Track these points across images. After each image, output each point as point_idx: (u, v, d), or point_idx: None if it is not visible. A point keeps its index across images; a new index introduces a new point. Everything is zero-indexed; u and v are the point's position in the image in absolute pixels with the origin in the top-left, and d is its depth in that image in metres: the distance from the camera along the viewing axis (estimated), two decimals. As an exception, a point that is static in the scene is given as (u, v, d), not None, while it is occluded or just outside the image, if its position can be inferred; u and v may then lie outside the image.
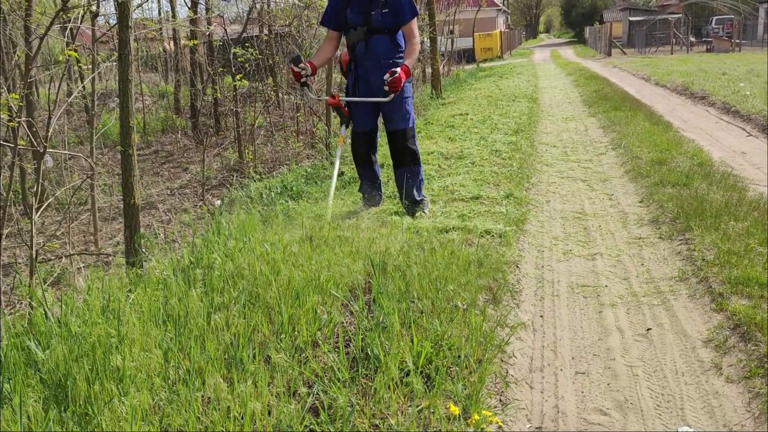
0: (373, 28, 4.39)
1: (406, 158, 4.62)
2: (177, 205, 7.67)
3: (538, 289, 3.68)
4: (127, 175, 3.82)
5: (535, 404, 2.56)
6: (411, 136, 4.61)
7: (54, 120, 3.82)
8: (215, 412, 1.93)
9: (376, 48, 4.43)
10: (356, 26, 4.42)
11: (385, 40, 4.43)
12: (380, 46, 4.42)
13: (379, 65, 4.42)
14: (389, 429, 2.05)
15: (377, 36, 4.41)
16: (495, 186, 5.52)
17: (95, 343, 2.12)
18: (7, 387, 1.95)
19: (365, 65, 4.47)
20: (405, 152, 4.60)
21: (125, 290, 2.66)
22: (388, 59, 4.43)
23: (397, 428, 2.02)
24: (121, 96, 3.78)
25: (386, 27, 4.40)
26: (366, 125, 4.66)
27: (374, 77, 4.42)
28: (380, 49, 4.43)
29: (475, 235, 4.15)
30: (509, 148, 7.04)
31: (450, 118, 9.56)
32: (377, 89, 4.40)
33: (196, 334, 2.31)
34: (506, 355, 2.85)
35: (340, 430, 1.97)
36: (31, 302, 2.62)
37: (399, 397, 2.18)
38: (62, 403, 1.94)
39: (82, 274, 2.93)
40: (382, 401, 2.17)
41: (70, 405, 1.94)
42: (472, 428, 1.99)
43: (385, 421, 2.09)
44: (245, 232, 4.03)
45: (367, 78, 4.50)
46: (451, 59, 21.83)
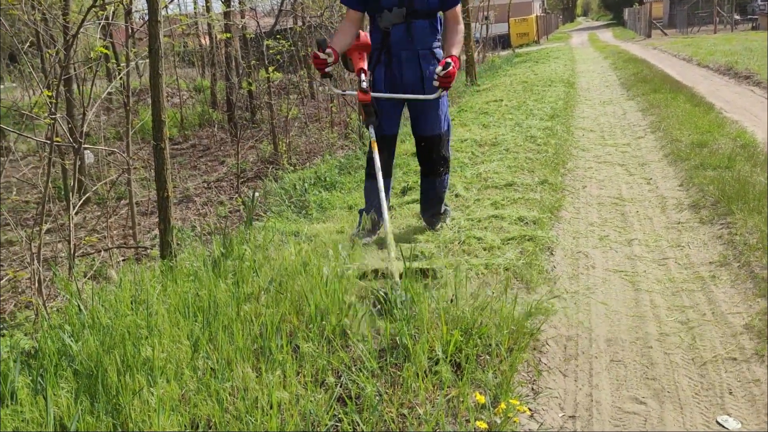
0: (415, 11, 3.70)
1: (439, 167, 4.00)
2: (213, 198, 7.75)
3: (573, 276, 3.61)
4: (159, 169, 3.86)
5: (569, 393, 2.52)
6: (446, 141, 4.01)
7: (89, 116, 3.88)
8: (243, 402, 1.93)
9: (417, 35, 3.74)
10: (392, 7, 3.69)
11: (426, 25, 3.76)
12: (422, 32, 3.75)
13: (416, 56, 3.78)
14: (417, 418, 2.03)
15: (419, 20, 3.73)
16: (529, 172, 5.44)
17: (125, 335, 2.15)
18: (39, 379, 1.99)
19: (401, 55, 3.77)
20: (438, 161, 3.98)
21: (156, 282, 2.69)
22: (427, 49, 3.80)
23: (426, 417, 2.00)
24: (153, 90, 3.81)
25: (431, 9, 3.73)
26: (394, 128, 4.00)
27: (409, 70, 3.79)
28: (421, 37, 3.75)
29: (509, 223, 4.11)
30: (544, 134, 6.93)
31: (484, 105, 9.45)
32: (411, 84, 3.79)
33: (225, 324, 2.32)
34: (539, 343, 2.80)
35: (367, 419, 1.96)
36: (71, 296, 2.67)
37: (427, 386, 2.15)
38: (94, 393, 1.97)
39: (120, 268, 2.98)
40: (410, 390, 2.15)
41: (102, 395, 1.97)
42: (499, 417, 1.96)
43: (414, 411, 2.07)
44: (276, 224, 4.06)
45: (401, 70, 3.79)
46: (486, 45, 21.60)
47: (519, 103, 9.29)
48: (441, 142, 3.95)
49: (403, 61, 3.78)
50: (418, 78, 3.78)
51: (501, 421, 1.97)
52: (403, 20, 3.70)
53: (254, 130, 12.45)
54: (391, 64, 3.80)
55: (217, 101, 14.90)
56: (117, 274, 2.76)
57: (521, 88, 11.48)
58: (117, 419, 1.86)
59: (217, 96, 14.89)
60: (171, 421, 1.82)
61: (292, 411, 1.94)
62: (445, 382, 2.18)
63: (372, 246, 3.82)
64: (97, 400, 1.93)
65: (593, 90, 11.86)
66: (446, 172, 4.09)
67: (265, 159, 8.93)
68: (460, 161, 5.85)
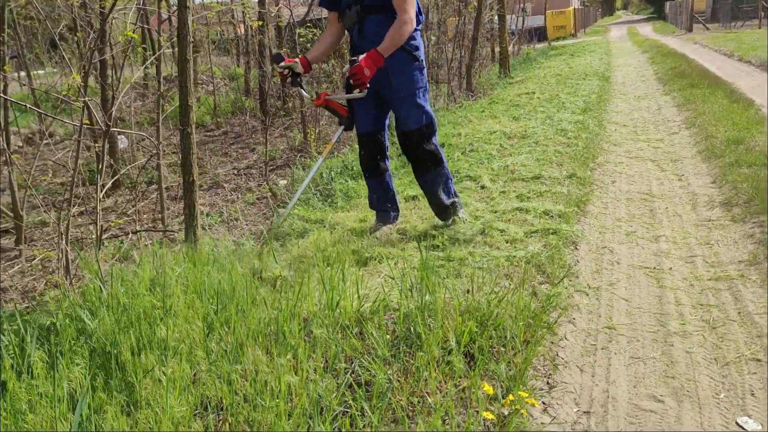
0: (366, 6, 3.64)
1: (425, 161, 3.84)
2: (242, 185, 7.81)
3: (596, 270, 3.55)
4: (186, 154, 3.89)
5: (585, 388, 2.48)
6: (427, 137, 3.80)
7: (118, 100, 3.93)
8: (253, 384, 1.95)
9: (370, 31, 3.64)
10: (350, 5, 3.69)
11: (381, 20, 3.60)
12: (375, 28, 3.61)
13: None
14: (427, 407, 2.02)
15: (372, 16, 3.64)
16: (558, 166, 5.37)
17: (140, 315, 2.18)
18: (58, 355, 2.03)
19: (357, 52, 3.62)
20: (421, 155, 3.83)
21: (175, 265, 2.72)
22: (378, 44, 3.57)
23: (435, 407, 1.99)
24: (180, 76, 3.84)
25: (380, 3, 3.59)
26: (368, 126, 3.91)
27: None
28: (376, 33, 3.58)
29: (534, 216, 4.06)
30: (575, 128, 6.83)
31: (516, 97, 9.36)
32: (379, 81, 3.67)
33: (240, 307, 2.34)
34: (557, 337, 2.77)
35: (376, 406, 1.95)
36: (93, 275, 2.71)
37: (439, 376, 2.14)
38: (108, 371, 2.00)
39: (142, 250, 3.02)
40: (421, 379, 2.14)
41: (117, 373, 2.00)
42: (506, 409, 1.94)
43: (424, 400, 2.06)
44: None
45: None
46: (522, 38, 21.35)
47: (551, 96, 9.18)
48: (421, 137, 3.77)
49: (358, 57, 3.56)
50: (386, 75, 3.64)
51: (509, 413, 1.95)
52: (356, 21, 3.71)
53: (285, 119, 12.52)
54: (353, 60, 3.60)
55: (250, 89, 15.01)
56: (139, 256, 2.79)
57: (555, 80, 11.34)
58: (129, 397, 1.89)
59: (250, 84, 15.00)
60: (180, 400, 1.84)
61: (301, 395, 1.94)
62: (457, 372, 2.17)
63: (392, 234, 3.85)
64: (110, 377, 1.97)
65: (629, 84, 11.65)
66: (437, 166, 3.87)
67: (295, 147, 8.97)
68: (487, 153, 5.80)
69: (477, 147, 6.08)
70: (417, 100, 3.75)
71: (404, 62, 3.70)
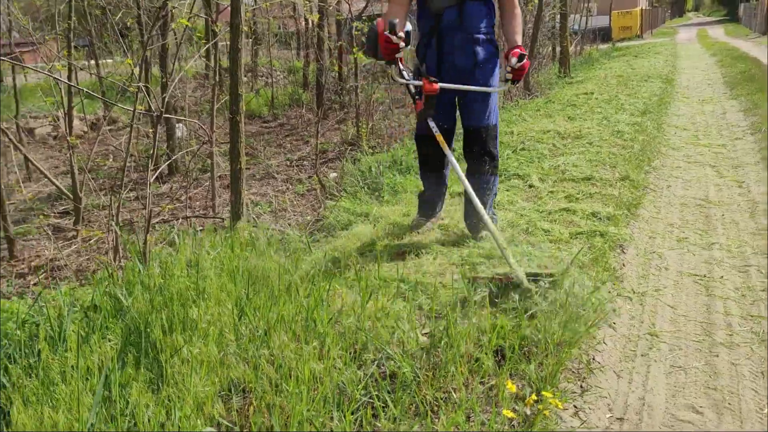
0: None
1: (484, 165, 3.62)
2: (294, 176, 7.90)
3: (643, 275, 3.45)
4: (234, 141, 3.96)
5: (620, 394, 2.41)
6: (493, 137, 3.63)
7: (170, 87, 4.02)
8: (278, 369, 1.96)
9: (471, 18, 3.41)
10: None
11: (480, 7, 3.43)
12: (476, 15, 3.41)
13: (471, 41, 3.43)
14: (452, 403, 1.99)
15: (473, 3, 3.41)
16: (611, 168, 5.24)
17: (173, 296, 2.23)
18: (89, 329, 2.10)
19: (454, 40, 3.43)
20: (483, 157, 3.60)
21: (212, 249, 2.77)
22: (481, 33, 3.45)
23: (460, 403, 1.97)
24: (231, 65, 3.90)
25: None
26: (449, 120, 3.64)
27: (462, 56, 3.45)
28: (475, 20, 3.41)
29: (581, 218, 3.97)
30: (632, 129, 6.65)
31: (573, 97, 9.17)
32: (463, 71, 3.46)
33: (273, 293, 2.36)
34: (595, 341, 2.70)
35: (399, 398, 1.94)
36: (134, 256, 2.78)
37: (465, 373, 2.11)
38: (138, 348, 2.05)
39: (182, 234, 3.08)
40: (448, 375, 2.11)
41: (147, 351, 2.05)
42: (528, 408, 1.90)
43: (450, 396, 2.04)
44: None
45: (453, 56, 3.46)
46: (585, 38, 20.91)
47: (610, 97, 8.96)
48: (487, 136, 3.59)
49: (455, 46, 3.44)
50: (471, 64, 3.46)
51: (531, 412, 1.91)
52: (456, 2, 3.40)
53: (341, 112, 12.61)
54: (443, 49, 3.47)
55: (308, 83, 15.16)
56: (179, 240, 2.85)
57: (615, 82, 11.06)
58: (156, 374, 1.93)
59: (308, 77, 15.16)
60: (205, 380, 1.87)
61: (325, 382, 1.94)
62: (486, 369, 2.14)
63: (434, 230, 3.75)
64: (140, 354, 2.01)
65: (693, 87, 11.27)
66: (493, 173, 3.67)
67: (347, 141, 9.01)
68: (539, 152, 5.70)
69: (528, 146, 5.98)
70: (492, 96, 3.56)
71: (492, 56, 3.51)
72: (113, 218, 3.91)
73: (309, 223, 5.05)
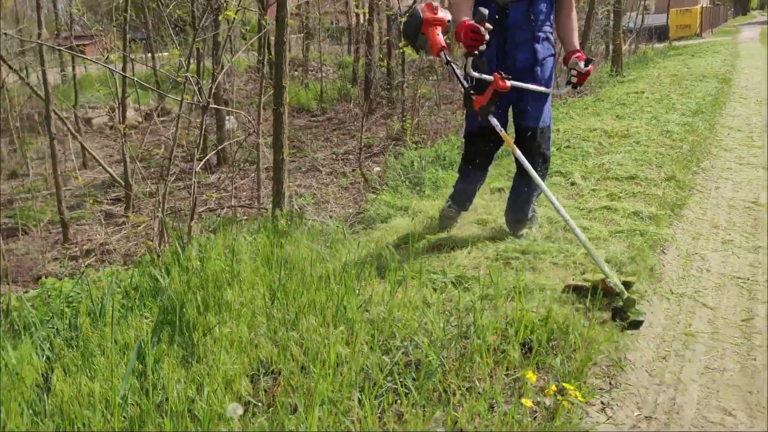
0: None
1: (536, 166, 3.41)
2: (339, 170, 7.99)
3: (683, 276, 3.39)
4: (277, 132, 4.04)
5: (650, 393, 2.38)
6: (546, 138, 3.56)
7: (217, 78, 4.12)
8: (307, 352, 2.01)
9: (538, 15, 3.30)
10: None
11: (547, 6, 3.35)
12: (543, 13, 3.32)
13: (533, 39, 3.33)
14: (476, 393, 2.01)
15: (542, 1, 3.32)
16: (657, 167, 5.14)
17: (208, 279, 2.31)
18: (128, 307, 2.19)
19: (517, 37, 3.32)
20: (536, 158, 3.49)
21: (249, 235, 2.84)
22: (544, 32, 3.36)
23: (483, 393, 1.99)
24: (276, 57, 3.98)
25: None
26: (503, 118, 3.52)
27: (523, 54, 3.35)
28: (542, 19, 3.32)
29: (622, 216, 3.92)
30: (682, 129, 6.50)
31: (623, 96, 9.01)
32: (523, 70, 3.35)
33: (305, 279, 2.42)
34: (627, 339, 2.67)
35: (422, 385, 1.97)
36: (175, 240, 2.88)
37: (490, 363, 2.13)
38: (173, 326, 2.13)
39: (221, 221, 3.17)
40: (474, 365, 2.13)
41: (183, 329, 2.13)
42: (548, 399, 1.90)
43: (474, 385, 2.06)
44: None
45: (514, 54, 3.35)
46: (640, 36, 20.46)
47: (661, 97, 8.76)
48: (542, 137, 3.51)
49: (518, 43, 3.33)
50: (532, 63, 3.36)
51: (550, 403, 1.91)
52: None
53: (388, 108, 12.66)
54: (505, 46, 3.34)
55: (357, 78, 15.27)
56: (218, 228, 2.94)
57: (668, 81, 10.81)
58: (188, 352, 2.01)
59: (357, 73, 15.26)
60: (234, 359, 1.93)
61: (351, 366, 1.99)
62: (511, 361, 2.15)
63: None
64: (174, 332, 2.10)
65: (751, 88, 10.91)
66: (543, 174, 3.58)
67: (392, 136, 9.06)
68: (584, 150, 5.64)
69: (574, 144, 5.92)
70: (549, 97, 3.48)
71: (551, 54, 3.43)
72: (159, 205, 4.04)
73: (350, 215, 5.12)
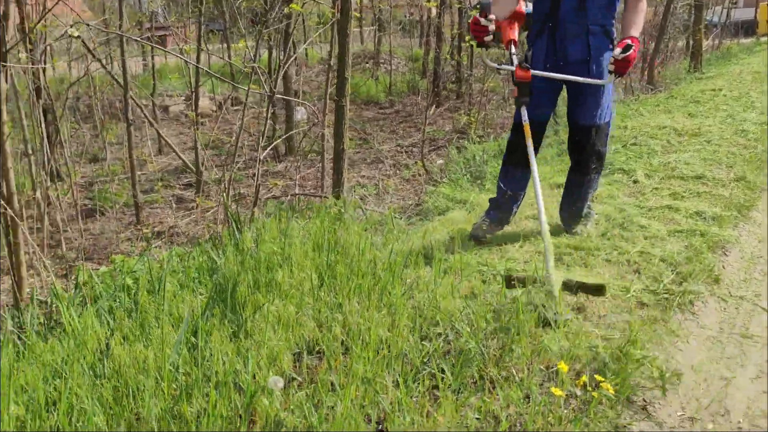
0: None
1: (590, 164, 3.47)
2: (402, 162, 8.06)
3: (744, 279, 3.29)
4: (338, 123, 4.14)
5: (697, 394, 2.35)
6: (603, 135, 3.44)
7: (283, 69, 4.25)
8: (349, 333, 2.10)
9: (592, 6, 3.19)
10: None
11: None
12: (598, 5, 3.19)
13: (585, 31, 3.22)
14: (513, 381, 2.04)
15: None
16: (727, 167, 4.97)
17: (261, 259, 2.42)
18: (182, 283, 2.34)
19: (568, 29, 3.23)
20: (589, 155, 3.44)
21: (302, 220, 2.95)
22: (600, 25, 3.23)
23: (519, 382, 2.02)
24: (339, 49, 4.07)
25: None
26: (546, 112, 3.47)
27: (575, 46, 3.26)
28: (596, 10, 3.20)
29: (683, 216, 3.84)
30: (759, 129, 6.24)
31: (698, 93, 8.71)
32: (575, 63, 3.27)
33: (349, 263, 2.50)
34: (678, 339, 2.64)
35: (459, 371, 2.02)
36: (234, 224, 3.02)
37: (529, 354, 2.15)
38: (225, 303, 2.25)
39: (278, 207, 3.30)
40: (513, 356, 2.16)
41: (235, 306, 2.26)
42: (579, 389, 1.91)
43: (511, 374, 2.09)
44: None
45: (565, 46, 3.27)
46: (725, 31, 19.61)
47: (740, 94, 8.43)
48: (598, 135, 3.39)
49: (569, 35, 3.23)
50: (585, 57, 3.27)
51: (580, 393, 1.93)
52: None
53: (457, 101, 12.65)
54: (555, 37, 3.28)
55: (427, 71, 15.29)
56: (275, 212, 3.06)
57: (750, 78, 10.36)
58: (238, 327, 2.13)
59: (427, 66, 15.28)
60: (280, 336, 2.03)
61: (392, 350, 2.05)
62: (550, 353, 2.17)
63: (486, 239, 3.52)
64: (227, 309, 2.22)
65: (843, 86, 10.35)
66: (598, 171, 3.54)
67: (458, 129, 9.07)
68: (650, 148, 5.51)
69: (640, 141, 5.78)
70: (606, 93, 3.34)
71: (607, 49, 3.28)
72: (224, 191, 4.21)
73: (409, 206, 5.19)
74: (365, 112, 13.19)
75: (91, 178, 8.38)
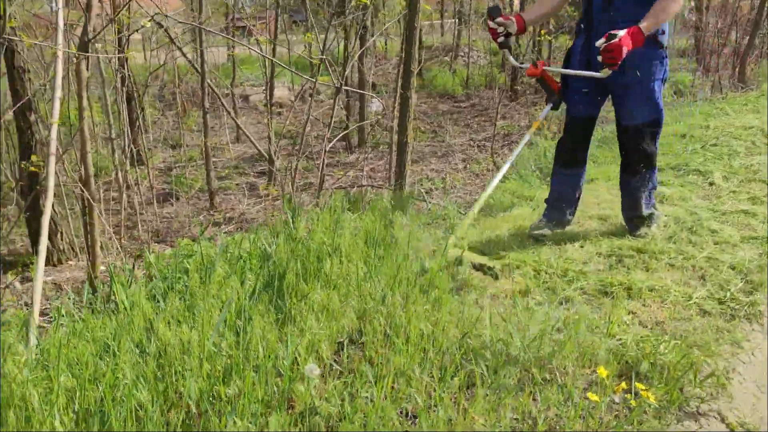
0: None
1: (638, 163, 3.38)
2: (473, 156, 8.00)
3: (820, 290, 3.10)
4: (403, 116, 4.15)
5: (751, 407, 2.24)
6: (651, 136, 3.32)
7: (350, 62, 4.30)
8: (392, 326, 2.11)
9: (622, 6, 3.11)
10: None
11: None
12: (629, 3, 3.10)
13: (614, 27, 2.99)
14: (555, 384, 2.01)
15: None
16: (816, 172, 4.68)
17: (311, 249, 2.47)
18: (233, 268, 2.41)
19: (600, 27, 3.13)
20: (637, 156, 3.36)
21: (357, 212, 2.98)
22: (630, 21, 2.99)
23: (562, 384, 1.98)
24: (406, 43, 4.08)
25: None
26: (585, 110, 3.39)
27: None
28: (626, 6, 3.10)
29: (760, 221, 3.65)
30: None
31: (793, 92, 8.23)
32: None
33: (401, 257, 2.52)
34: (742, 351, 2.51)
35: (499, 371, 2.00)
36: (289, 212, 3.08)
37: (573, 359, 2.11)
38: (273, 290, 2.31)
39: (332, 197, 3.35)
40: (558, 358, 2.12)
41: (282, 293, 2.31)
42: (617, 396, 1.86)
43: (554, 377, 2.05)
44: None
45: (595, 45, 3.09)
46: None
47: (842, 94, 7.91)
48: (643, 135, 3.29)
49: (599, 32, 3.04)
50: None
51: (620, 400, 1.87)
52: None
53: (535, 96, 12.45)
54: (590, 34, 3.20)
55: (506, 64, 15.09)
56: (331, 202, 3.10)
57: None
58: (282, 314, 2.18)
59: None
60: (321, 324, 2.07)
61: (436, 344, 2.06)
62: (596, 357, 2.12)
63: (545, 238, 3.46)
64: (274, 295, 2.28)
65: None
66: (648, 170, 3.41)
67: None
68: (732, 149, 5.25)
69: (721, 142, 5.52)
70: (650, 92, 3.23)
71: (646, 46, 3.08)
72: (290, 180, 4.30)
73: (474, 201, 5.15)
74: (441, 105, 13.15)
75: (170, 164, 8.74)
